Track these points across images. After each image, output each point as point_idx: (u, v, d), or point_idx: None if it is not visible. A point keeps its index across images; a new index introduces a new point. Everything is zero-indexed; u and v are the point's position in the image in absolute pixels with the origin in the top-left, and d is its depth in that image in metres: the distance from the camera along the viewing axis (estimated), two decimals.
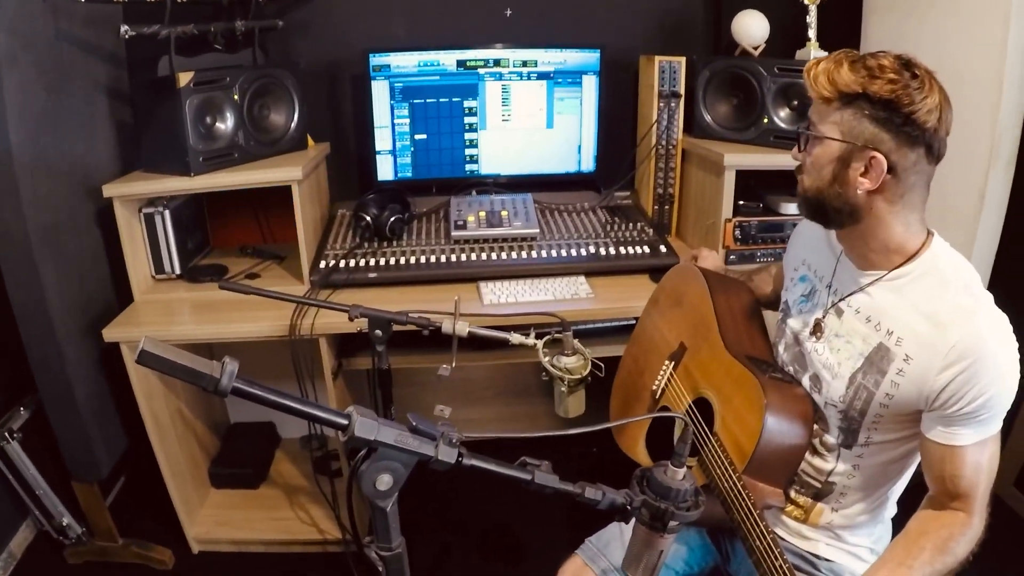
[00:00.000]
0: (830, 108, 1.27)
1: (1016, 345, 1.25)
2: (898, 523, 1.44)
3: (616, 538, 1.63)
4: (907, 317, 1.30)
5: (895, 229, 1.30)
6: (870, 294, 1.37)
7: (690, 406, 1.58)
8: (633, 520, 1.07)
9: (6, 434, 2.28)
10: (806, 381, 1.48)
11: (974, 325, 1.22)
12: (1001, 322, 1.25)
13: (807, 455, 1.45)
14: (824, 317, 1.46)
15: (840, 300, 1.43)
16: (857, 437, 1.40)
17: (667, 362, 1.73)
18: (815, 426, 1.44)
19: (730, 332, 1.61)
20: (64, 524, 2.46)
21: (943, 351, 1.23)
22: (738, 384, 1.46)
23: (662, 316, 1.87)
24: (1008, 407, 1.25)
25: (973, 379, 1.21)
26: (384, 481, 0.95)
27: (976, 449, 1.26)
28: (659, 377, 1.72)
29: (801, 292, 1.56)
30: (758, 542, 1.21)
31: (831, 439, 1.44)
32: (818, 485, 1.48)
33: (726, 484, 1.32)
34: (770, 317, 1.72)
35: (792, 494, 1.51)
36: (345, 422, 0.92)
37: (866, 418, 1.37)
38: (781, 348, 1.58)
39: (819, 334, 1.46)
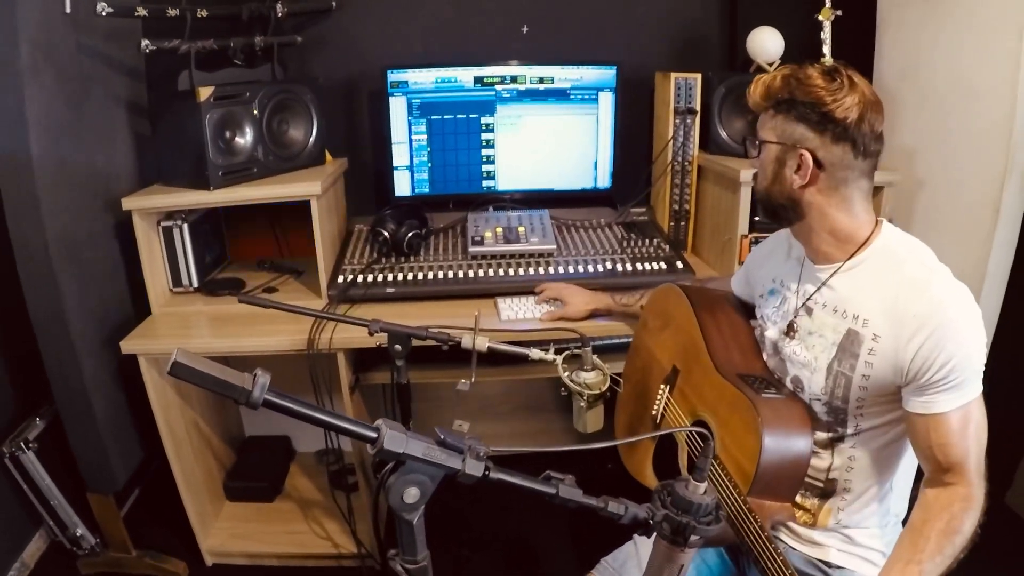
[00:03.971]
0: (767, 116, 1.43)
1: (978, 311, 1.31)
2: None
3: (632, 557, 1.63)
4: (868, 299, 1.38)
5: (838, 218, 1.41)
6: (832, 287, 1.45)
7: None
8: (652, 536, 1.07)
9: (22, 444, 2.28)
10: (788, 385, 1.53)
11: (931, 294, 1.31)
12: (958, 290, 1.33)
13: None
14: (796, 318, 1.52)
15: (807, 299, 1.49)
16: (846, 427, 1.45)
17: (663, 386, 1.74)
18: None
19: (719, 351, 1.62)
20: (78, 535, 2.47)
21: (906, 323, 1.31)
22: (732, 406, 1.47)
23: (652, 339, 1.88)
24: (980, 370, 1.31)
25: (938, 345, 1.28)
26: (411, 494, 0.95)
27: (958, 415, 1.30)
28: (657, 402, 1.74)
29: (773, 304, 1.61)
30: (769, 564, 1.21)
31: (822, 434, 1.48)
32: (821, 484, 1.51)
33: (733, 507, 1.32)
34: None
35: (798, 499, 1.52)
36: (374, 435, 0.92)
37: (850, 404, 1.42)
38: (765, 359, 1.63)
39: (792, 334, 1.52)
